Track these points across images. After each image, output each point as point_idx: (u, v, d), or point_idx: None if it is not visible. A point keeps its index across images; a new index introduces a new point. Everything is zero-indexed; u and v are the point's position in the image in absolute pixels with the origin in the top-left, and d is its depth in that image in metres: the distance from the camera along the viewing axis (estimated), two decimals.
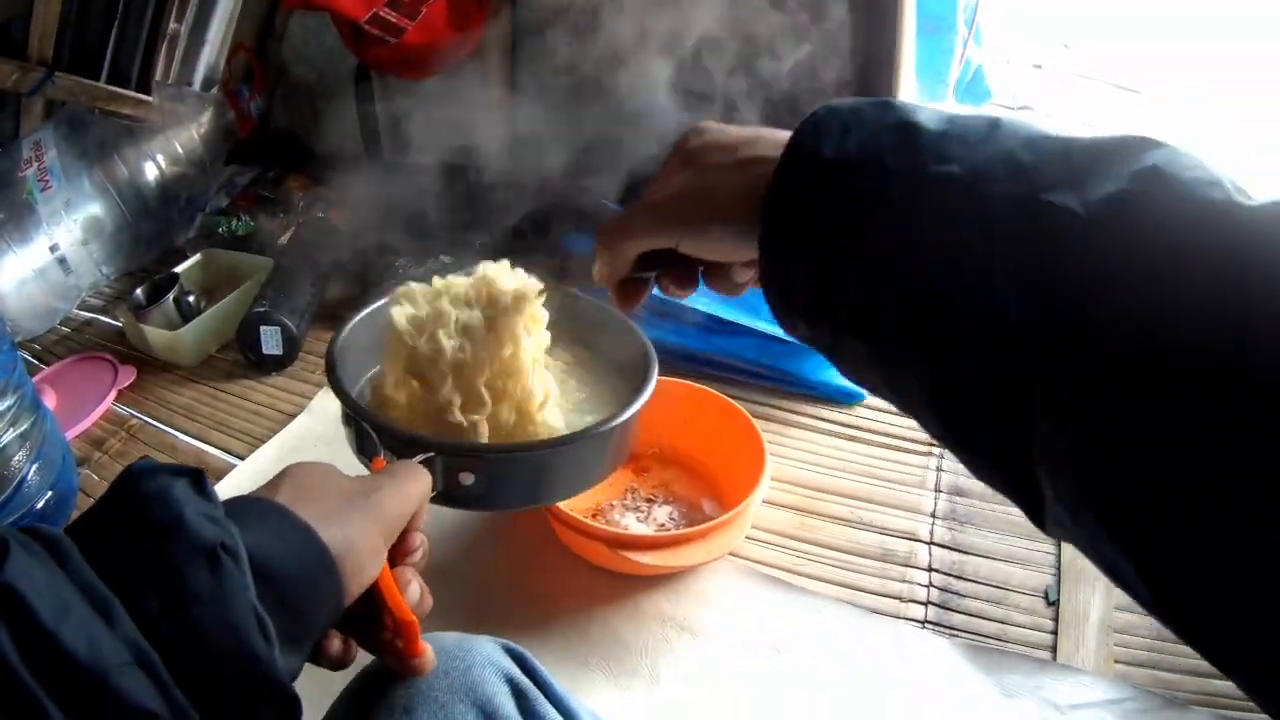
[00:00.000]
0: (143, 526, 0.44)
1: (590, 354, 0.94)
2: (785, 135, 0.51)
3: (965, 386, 0.44)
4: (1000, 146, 0.44)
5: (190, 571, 0.43)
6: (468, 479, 0.74)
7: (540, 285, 0.83)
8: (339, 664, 0.56)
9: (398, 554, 0.61)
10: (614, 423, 0.80)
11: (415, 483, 0.63)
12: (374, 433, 0.75)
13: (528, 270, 0.86)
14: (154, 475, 0.47)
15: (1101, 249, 0.39)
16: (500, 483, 0.77)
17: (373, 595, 0.55)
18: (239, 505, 0.51)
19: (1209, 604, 0.35)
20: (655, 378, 0.85)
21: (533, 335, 0.83)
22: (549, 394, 0.84)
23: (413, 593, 0.59)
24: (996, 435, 0.43)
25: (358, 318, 0.90)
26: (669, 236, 0.58)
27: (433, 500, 0.70)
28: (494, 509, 0.83)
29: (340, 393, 0.79)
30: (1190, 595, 0.36)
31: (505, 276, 0.84)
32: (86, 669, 0.38)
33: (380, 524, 0.57)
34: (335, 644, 0.55)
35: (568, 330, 0.93)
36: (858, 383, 0.54)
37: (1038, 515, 0.43)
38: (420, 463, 0.68)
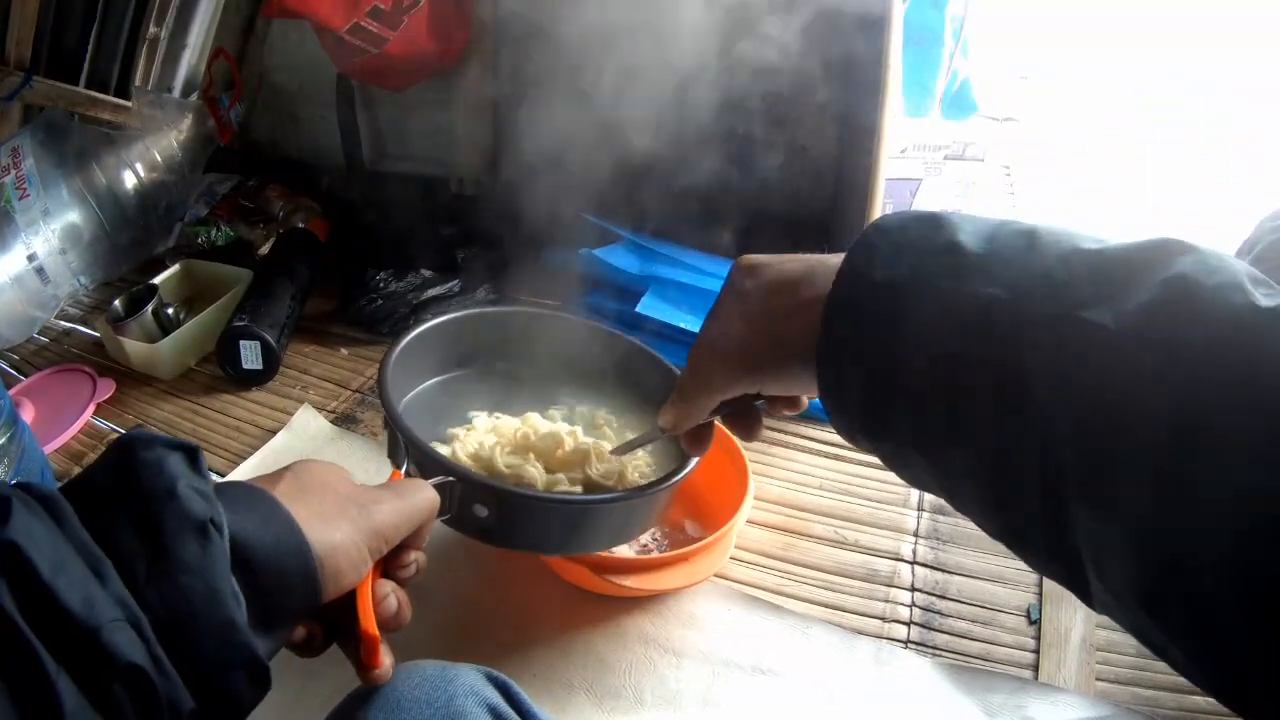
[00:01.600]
0: (138, 493, 0.46)
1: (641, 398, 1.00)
2: (838, 262, 0.55)
3: (1016, 494, 0.47)
4: (1038, 265, 0.47)
5: (180, 541, 0.45)
6: (481, 511, 0.76)
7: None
8: (303, 652, 0.59)
9: (390, 566, 0.62)
10: (629, 498, 0.84)
11: (418, 502, 0.65)
12: (404, 445, 0.77)
13: None
14: (150, 445, 0.49)
15: (1133, 363, 0.42)
16: (510, 522, 0.78)
17: (351, 599, 0.57)
18: (235, 488, 0.53)
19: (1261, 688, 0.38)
20: (694, 464, 0.88)
21: None
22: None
23: (389, 605, 0.60)
24: (1046, 536, 0.46)
25: (418, 331, 0.95)
26: (751, 385, 0.62)
27: (445, 522, 0.73)
28: (500, 545, 0.84)
29: (385, 397, 0.83)
30: (1242, 682, 0.39)
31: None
32: (81, 623, 0.41)
33: (368, 535, 0.58)
34: (300, 632, 0.57)
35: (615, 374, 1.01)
36: (923, 490, 0.59)
37: (1087, 600, 0.46)
38: (436, 485, 0.69)
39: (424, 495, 0.66)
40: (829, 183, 1.60)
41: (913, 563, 1.14)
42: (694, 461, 0.87)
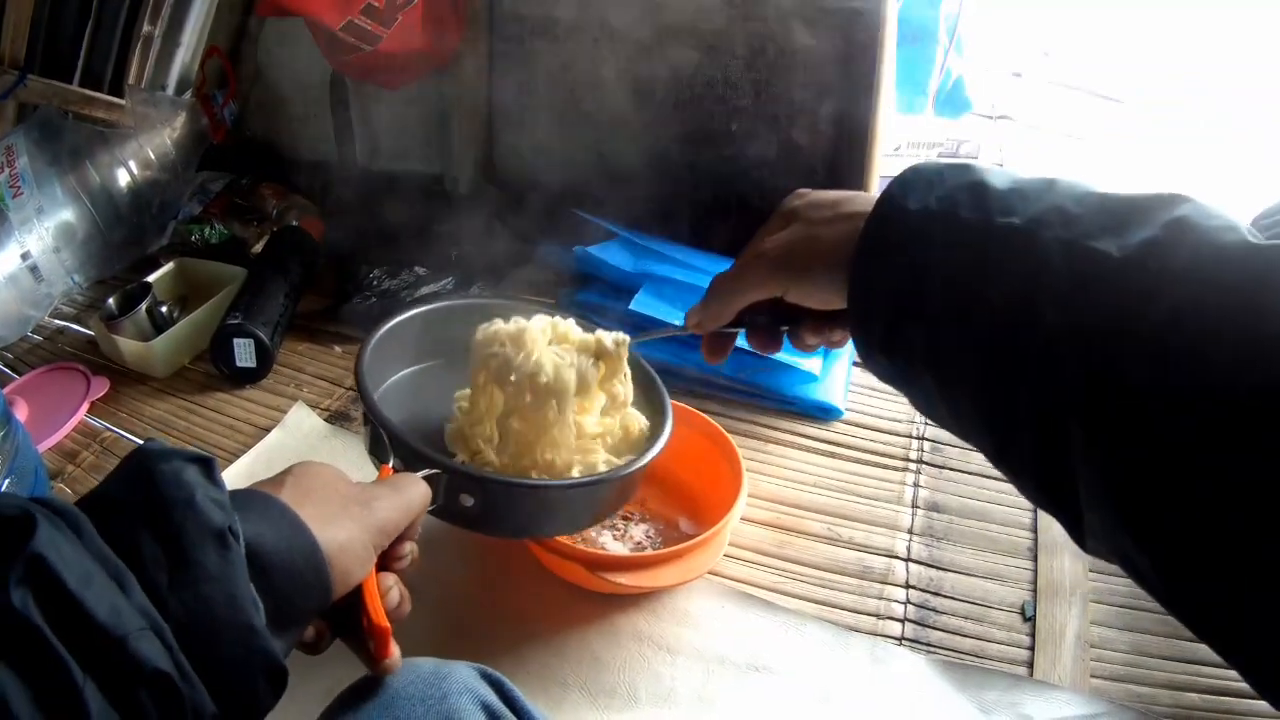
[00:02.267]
0: (157, 505, 0.47)
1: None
2: (875, 195, 0.60)
3: (1015, 420, 0.51)
4: (1054, 200, 0.52)
5: (200, 550, 0.47)
6: (467, 500, 0.79)
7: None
8: (311, 650, 0.60)
9: (387, 559, 0.64)
10: (607, 478, 0.87)
11: (414, 496, 0.68)
12: (388, 440, 0.79)
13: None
14: (168, 458, 0.50)
15: (1133, 287, 0.46)
16: (496, 510, 0.82)
17: (356, 595, 0.59)
18: (246, 496, 0.55)
19: (1221, 598, 0.42)
20: (663, 443, 0.93)
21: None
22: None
23: (392, 598, 0.63)
24: (1042, 464, 0.50)
25: (392, 323, 0.97)
26: (778, 284, 0.67)
27: (432, 513, 0.74)
28: (487, 533, 0.89)
29: (365, 395, 0.84)
30: (1202, 591, 0.43)
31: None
32: (108, 632, 0.41)
33: (372, 532, 0.61)
34: (309, 632, 0.59)
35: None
36: (927, 414, 0.63)
37: (1078, 534, 0.50)
38: (425, 477, 0.71)
39: (418, 489, 0.68)
40: (822, 180, 1.60)
41: (907, 560, 1.14)
42: (663, 440, 0.93)
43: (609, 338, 0.92)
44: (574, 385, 0.88)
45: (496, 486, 0.81)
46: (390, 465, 0.77)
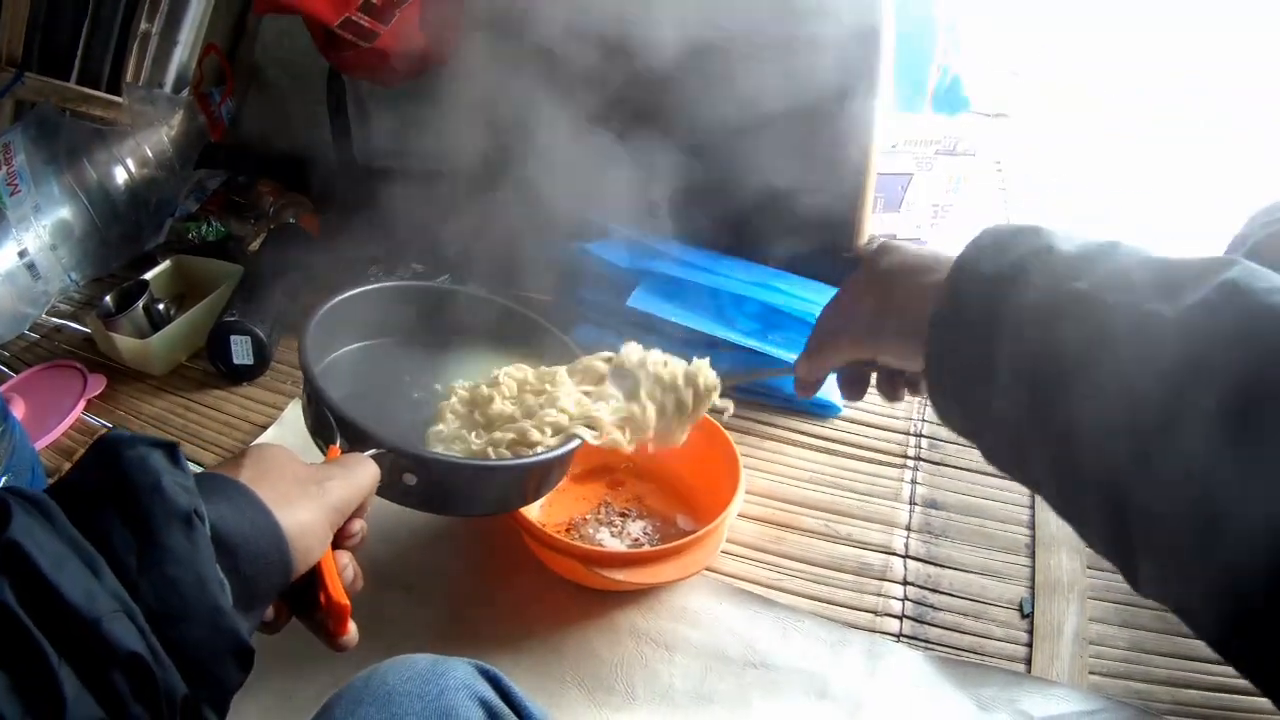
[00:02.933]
0: (124, 490, 0.48)
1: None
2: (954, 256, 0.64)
3: (1076, 479, 0.54)
4: (1118, 264, 0.55)
5: (167, 534, 0.48)
6: (410, 479, 0.80)
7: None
8: (270, 630, 0.61)
9: (340, 537, 0.65)
10: (549, 455, 0.89)
11: (364, 475, 0.69)
12: (334, 422, 0.79)
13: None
14: (132, 444, 0.51)
15: (1185, 346, 0.48)
16: (438, 489, 0.83)
17: (313, 574, 0.61)
18: (209, 479, 0.56)
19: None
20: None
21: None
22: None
23: (348, 575, 0.64)
24: (1103, 520, 0.53)
25: (333, 302, 0.98)
26: (869, 351, 0.74)
27: (377, 492, 0.75)
28: (430, 511, 0.90)
29: (310, 377, 0.84)
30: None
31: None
32: (83, 616, 0.43)
33: (329, 511, 0.62)
34: (269, 611, 0.60)
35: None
36: (1002, 469, 0.64)
37: (1132, 578, 0.52)
38: (372, 456, 0.73)
39: (368, 469, 0.70)
40: (820, 178, 1.59)
41: (905, 556, 1.14)
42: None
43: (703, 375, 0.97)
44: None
45: (437, 464, 0.83)
46: (338, 446, 0.78)
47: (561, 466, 0.94)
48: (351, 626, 0.62)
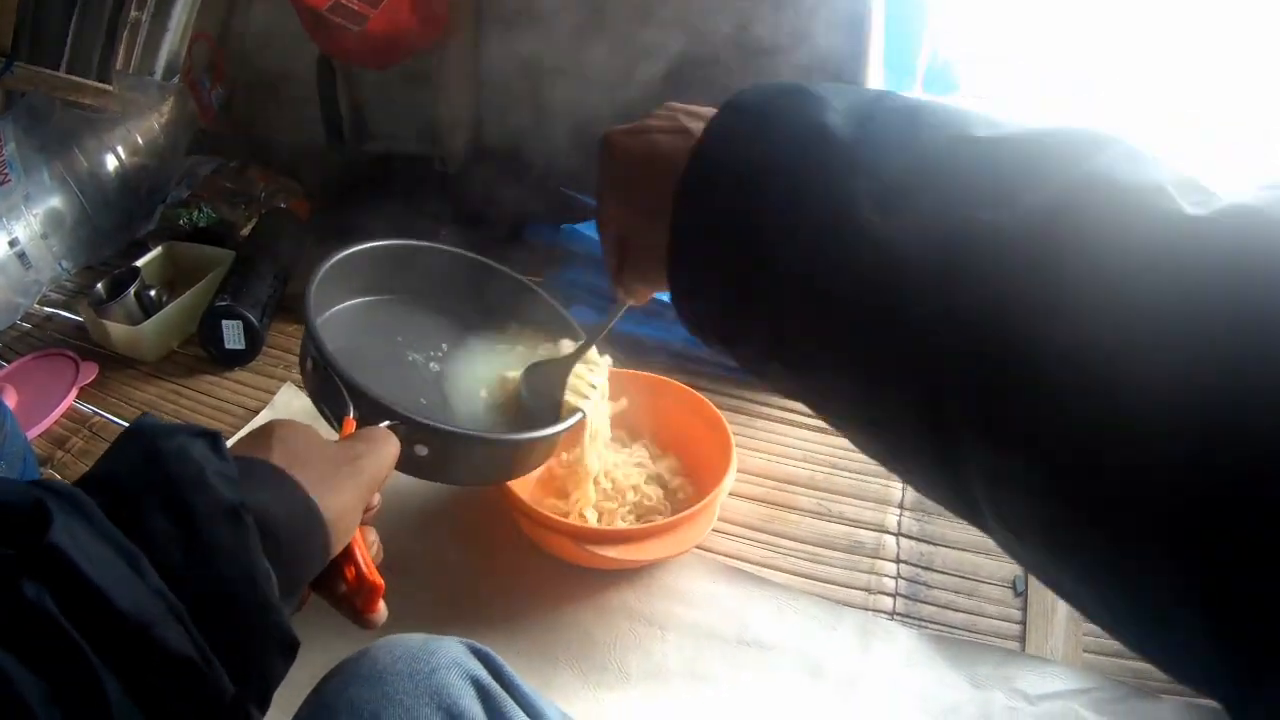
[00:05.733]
0: (166, 484, 0.46)
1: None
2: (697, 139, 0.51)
3: (893, 418, 0.43)
4: (919, 153, 0.41)
5: (214, 528, 0.45)
6: (422, 450, 0.80)
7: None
8: (294, 611, 0.58)
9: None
10: (557, 429, 0.91)
11: (390, 450, 0.68)
12: (346, 392, 0.78)
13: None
14: (170, 434, 0.48)
15: (1031, 271, 0.36)
16: (450, 459, 0.84)
17: (341, 553, 0.59)
18: (247, 466, 0.52)
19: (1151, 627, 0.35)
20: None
21: None
22: None
23: (375, 552, 0.64)
24: (932, 464, 0.43)
25: (335, 260, 0.97)
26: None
27: None
28: (442, 481, 0.92)
29: (319, 344, 0.82)
30: (1160, 623, 0.35)
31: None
32: (132, 621, 0.40)
33: (364, 490, 0.61)
34: None
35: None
36: (791, 399, 0.54)
37: (985, 530, 0.44)
38: (388, 427, 0.73)
39: (392, 443, 0.69)
40: None
41: (897, 534, 1.14)
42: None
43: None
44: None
45: (449, 435, 0.82)
46: (351, 417, 0.77)
47: (571, 437, 0.97)
48: (382, 604, 0.61)
